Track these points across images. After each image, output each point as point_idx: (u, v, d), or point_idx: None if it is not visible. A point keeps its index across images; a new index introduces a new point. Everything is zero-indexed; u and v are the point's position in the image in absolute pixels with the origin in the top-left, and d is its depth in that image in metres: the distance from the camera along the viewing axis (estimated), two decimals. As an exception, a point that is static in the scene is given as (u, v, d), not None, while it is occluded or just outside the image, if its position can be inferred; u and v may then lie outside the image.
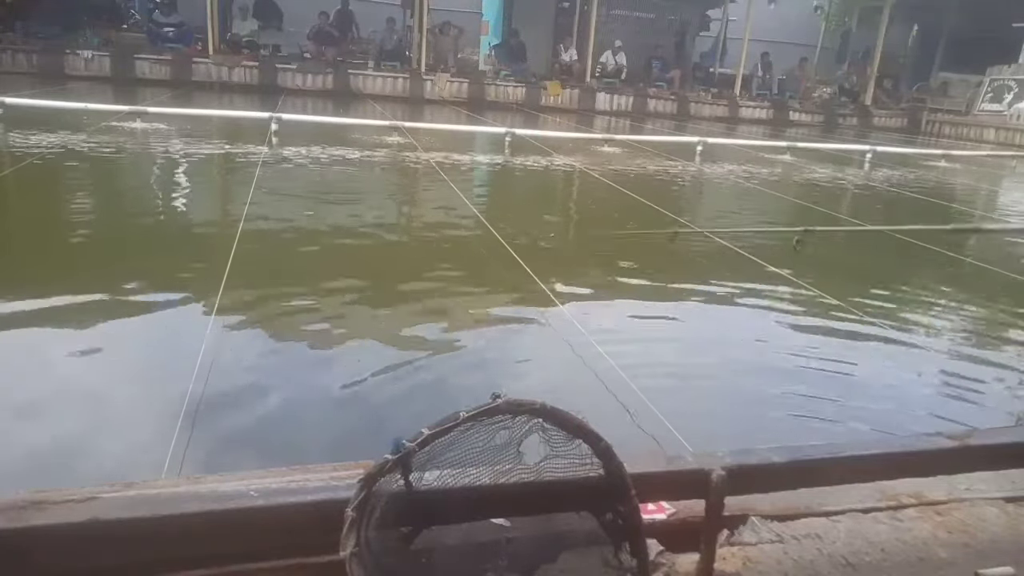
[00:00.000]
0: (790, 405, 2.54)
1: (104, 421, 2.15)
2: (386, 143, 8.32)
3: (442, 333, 2.92)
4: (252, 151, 7.00)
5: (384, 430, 2.12)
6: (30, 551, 0.85)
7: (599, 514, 0.97)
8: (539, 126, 12.15)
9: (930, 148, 12.90)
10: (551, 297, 3.32)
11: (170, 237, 4.13)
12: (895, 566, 1.19)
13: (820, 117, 17.63)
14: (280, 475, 1.13)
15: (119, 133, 7.37)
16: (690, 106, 16.80)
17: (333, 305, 3.20)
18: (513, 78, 15.94)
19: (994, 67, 16.86)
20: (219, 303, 2.89)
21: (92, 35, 13.66)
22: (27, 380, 2.34)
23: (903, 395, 2.75)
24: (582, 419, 0.92)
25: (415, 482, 0.86)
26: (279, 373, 2.51)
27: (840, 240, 5.41)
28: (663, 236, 5.03)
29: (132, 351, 2.64)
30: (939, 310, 3.87)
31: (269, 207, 4.78)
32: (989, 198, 8.82)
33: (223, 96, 12.84)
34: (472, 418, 0.86)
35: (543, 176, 7.57)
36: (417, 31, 15.52)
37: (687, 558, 1.12)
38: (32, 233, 4.05)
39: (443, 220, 5.01)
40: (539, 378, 2.67)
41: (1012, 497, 1.42)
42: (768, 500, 1.27)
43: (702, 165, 8.64)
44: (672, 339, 3.21)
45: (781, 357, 2.99)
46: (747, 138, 12.71)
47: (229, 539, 0.91)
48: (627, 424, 2.25)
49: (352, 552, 0.79)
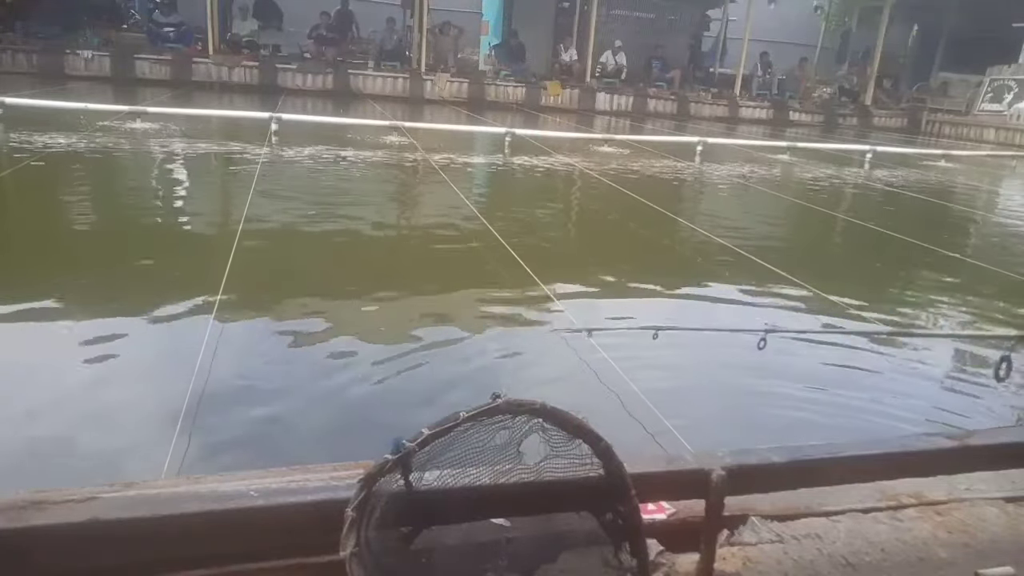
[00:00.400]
0: (788, 404, 2.54)
1: (104, 420, 2.15)
2: (386, 143, 8.32)
3: (441, 332, 2.92)
4: (252, 151, 7.00)
5: (383, 429, 2.11)
6: (30, 551, 0.84)
7: (599, 514, 0.97)
8: (539, 126, 12.14)
9: (930, 148, 12.90)
10: (550, 296, 3.32)
11: (170, 237, 4.13)
12: (895, 566, 1.19)
13: (820, 117, 17.63)
14: (280, 475, 1.13)
15: (119, 133, 7.37)
16: (690, 106, 16.80)
17: (333, 304, 3.20)
18: (513, 78, 15.93)
19: (994, 67, 16.85)
20: (219, 302, 2.89)
21: (92, 35, 13.66)
22: (28, 380, 2.35)
23: (917, 396, 2.75)
24: (582, 419, 0.92)
25: (415, 482, 0.86)
26: (278, 372, 2.51)
27: (843, 241, 5.41)
28: (663, 236, 5.04)
29: (132, 351, 2.63)
30: (941, 310, 3.88)
31: (269, 207, 4.78)
32: (990, 198, 8.82)
33: (223, 96, 12.83)
34: (472, 418, 0.86)
35: (543, 176, 7.57)
36: (417, 31, 15.52)
37: (687, 558, 1.12)
38: (32, 233, 4.05)
39: (443, 220, 5.01)
40: (538, 377, 2.67)
41: (1012, 497, 1.42)
42: (768, 500, 1.27)
43: (702, 165, 8.64)
44: (672, 338, 3.20)
45: (780, 355, 2.99)
46: (747, 138, 12.71)
47: (229, 539, 0.91)
48: (627, 424, 2.25)
49: (352, 552, 0.79)
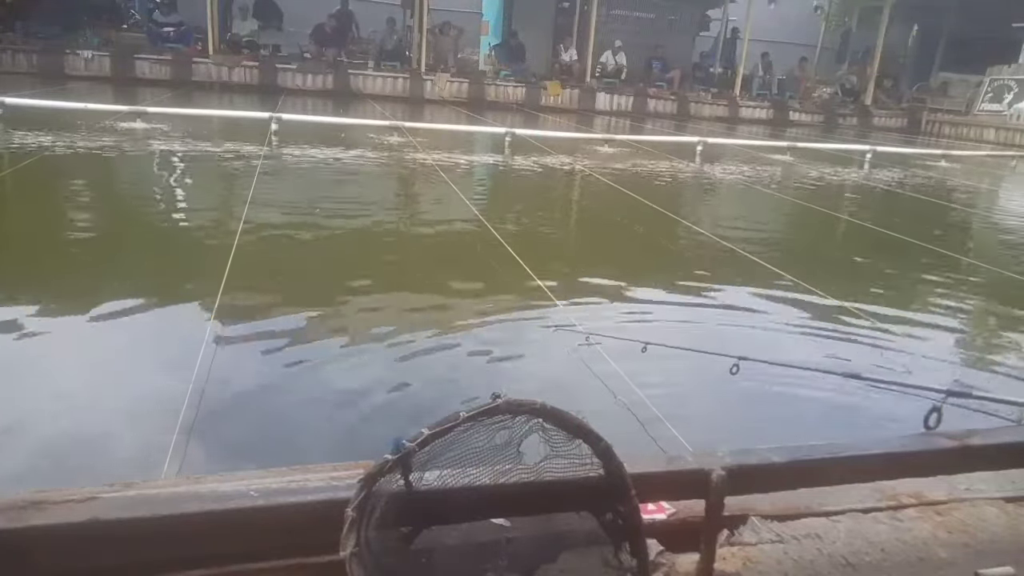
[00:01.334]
0: (787, 404, 2.54)
1: (104, 419, 2.15)
2: (386, 143, 8.32)
3: (440, 332, 2.92)
4: (252, 151, 7.00)
5: (382, 428, 2.12)
6: (30, 551, 0.84)
7: (599, 514, 0.97)
8: (539, 126, 12.14)
9: (930, 148, 12.90)
10: (550, 296, 3.32)
11: (170, 237, 4.13)
12: (895, 566, 1.19)
13: (820, 117, 17.63)
14: (280, 475, 1.13)
15: (119, 133, 7.37)
16: (690, 106, 16.80)
17: (332, 304, 3.20)
18: (513, 78, 15.93)
19: (994, 67, 16.85)
20: (219, 302, 2.89)
21: (92, 35, 13.66)
22: (27, 380, 2.35)
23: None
24: (582, 419, 0.92)
25: (415, 482, 0.86)
26: (278, 370, 2.51)
27: (844, 242, 5.41)
28: (663, 236, 5.04)
29: (132, 350, 2.64)
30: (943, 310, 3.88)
31: (269, 207, 4.78)
32: (990, 198, 8.82)
33: (223, 96, 12.83)
34: (472, 418, 0.86)
35: (543, 176, 7.57)
36: (417, 31, 15.52)
37: (687, 558, 1.12)
38: (31, 233, 4.05)
39: (443, 220, 5.01)
40: (537, 377, 2.67)
41: (1012, 497, 1.42)
42: (768, 500, 1.27)
43: (702, 165, 8.64)
44: (672, 338, 3.20)
45: (779, 357, 2.99)
46: (747, 138, 12.71)
47: (229, 539, 0.91)
48: (627, 423, 2.25)
49: (352, 552, 0.79)
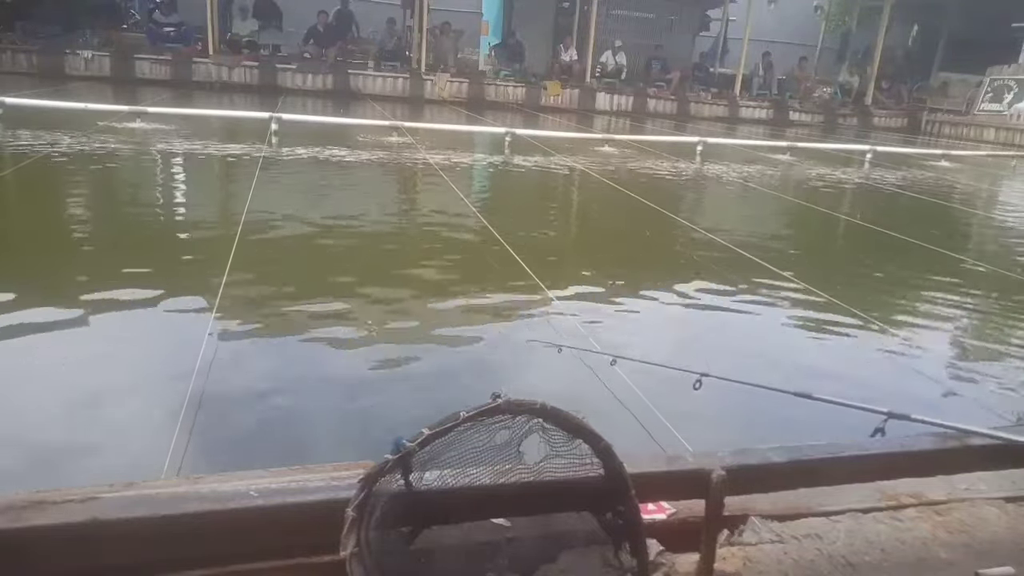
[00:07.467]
0: (786, 403, 2.53)
1: (103, 419, 2.15)
2: (386, 143, 8.32)
3: (440, 331, 2.92)
4: (252, 151, 7.00)
5: (382, 428, 2.12)
6: (30, 551, 0.84)
7: (599, 514, 0.97)
8: (539, 126, 12.14)
9: (930, 148, 12.90)
10: (549, 295, 3.32)
11: (170, 237, 4.13)
12: (895, 566, 1.19)
13: (820, 117, 17.62)
14: (280, 475, 1.13)
15: (119, 133, 7.36)
16: (690, 106, 16.80)
17: (332, 304, 3.20)
18: (513, 78, 15.93)
19: (994, 67, 16.84)
20: (219, 302, 2.89)
21: (92, 35, 13.66)
22: (26, 380, 2.34)
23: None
24: (582, 419, 0.92)
25: (415, 482, 0.86)
26: (277, 369, 2.51)
27: (845, 242, 5.41)
28: (663, 235, 5.04)
29: (132, 349, 2.63)
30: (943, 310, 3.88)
31: (269, 207, 4.77)
32: (990, 197, 8.82)
33: (223, 96, 12.83)
34: (472, 418, 0.86)
35: (543, 176, 7.56)
36: (417, 31, 15.51)
37: (687, 558, 1.12)
38: (31, 233, 4.05)
39: (442, 219, 5.01)
40: (537, 377, 2.66)
41: (1012, 497, 1.42)
42: (768, 500, 1.27)
43: (702, 165, 8.63)
44: (671, 338, 3.21)
45: (779, 356, 3.00)
46: (747, 138, 12.70)
47: (229, 539, 0.91)
48: (627, 423, 2.25)
49: (352, 552, 0.79)
